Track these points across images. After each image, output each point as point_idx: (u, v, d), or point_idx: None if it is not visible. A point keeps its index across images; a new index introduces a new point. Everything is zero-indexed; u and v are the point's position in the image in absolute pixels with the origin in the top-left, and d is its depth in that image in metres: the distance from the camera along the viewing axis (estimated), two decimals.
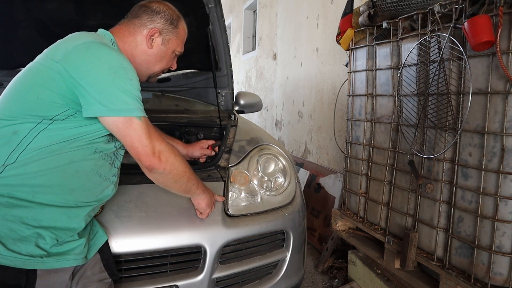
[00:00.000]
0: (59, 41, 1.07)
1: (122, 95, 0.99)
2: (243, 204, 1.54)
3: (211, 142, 1.70)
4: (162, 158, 1.06)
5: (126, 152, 1.13)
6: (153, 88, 2.29)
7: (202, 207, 1.34)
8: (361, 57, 2.10)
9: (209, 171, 1.60)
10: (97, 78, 0.98)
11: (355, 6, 2.13)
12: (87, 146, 1.05)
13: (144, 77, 1.25)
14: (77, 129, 1.02)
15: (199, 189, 1.28)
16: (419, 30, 1.68)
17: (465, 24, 1.33)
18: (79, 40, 1.04)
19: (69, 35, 1.08)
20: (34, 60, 1.07)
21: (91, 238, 1.16)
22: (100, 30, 1.17)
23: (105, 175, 1.12)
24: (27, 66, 1.07)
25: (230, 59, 2.22)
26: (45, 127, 0.99)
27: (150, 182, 1.15)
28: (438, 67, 1.54)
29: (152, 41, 1.18)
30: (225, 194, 1.51)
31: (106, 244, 1.21)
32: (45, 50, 1.07)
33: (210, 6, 2.06)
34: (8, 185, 0.97)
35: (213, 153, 1.67)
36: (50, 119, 0.99)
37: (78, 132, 1.03)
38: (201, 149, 1.67)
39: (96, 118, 1.03)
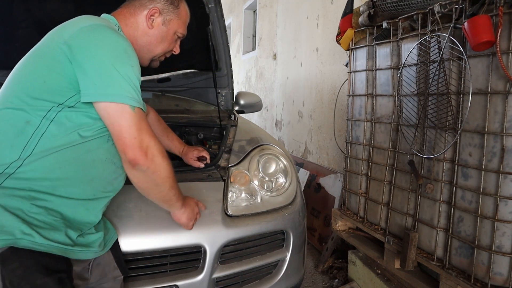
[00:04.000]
0: (64, 23, 1.05)
1: (120, 80, 0.96)
2: (243, 204, 1.53)
3: (202, 154, 1.66)
4: (149, 155, 0.99)
5: None
6: (153, 88, 2.29)
7: (183, 222, 1.26)
8: (361, 57, 2.10)
9: (209, 171, 1.60)
10: (98, 61, 0.96)
11: (355, 6, 2.13)
12: (100, 135, 1.03)
13: (146, 60, 1.22)
14: (86, 117, 1.00)
15: (179, 202, 1.19)
16: (419, 30, 1.68)
17: (465, 24, 1.33)
18: (86, 23, 1.02)
19: (75, 18, 1.06)
20: (38, 44, 1.04)
21: (105, 234, 1.16)
22: (104, 15, 1.15)
23: (119, 163, 1.10)
24: (30, 51, 1.04)
25: (230, 59, 2.22)
26: (55, 115, 0.97)
27: None
28: (438, 67, 1.54)
29: (152, 21, 1.16)
30: (225, 194, 1.51)
31: (117, 242, 1.22)
32: (49, 33, 1.05)
33: (210, 6, 2.06)
34: (28, 179, 0.96)
35: (202, 166, 1.63)
36: (59, 105, 0.97)
37: (88, 121, 1.00)
38: (190, 159, 1.63)
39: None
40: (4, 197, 0.93)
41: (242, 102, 2.45)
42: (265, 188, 1.62)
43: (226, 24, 5.82)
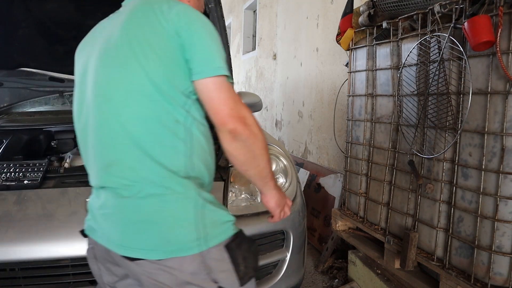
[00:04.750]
0: (140, 5, 1.02)
1: (219, 55, 0.99)
2: (243, 204, 1.54)
3: None
4: (247, 124, 0.98)
5: None
6: None
7: (271, 206, 1.17)
8: (361, 57, 2.10)
9: None
10: (202, 39, 0.98)
11: (355, 6, 2.13)
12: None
13: None
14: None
15: (272, 181, 1.12)
16: (419, 30, 1.68)
17: (465, 24, 1.33)
18: (171, 2, 1.01)
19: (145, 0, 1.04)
20: (120, 37, 0.99)
21: None
22: None
23: None
24: (122, 50, 0.98)
25: (230, 59, 2.21)
26: (189, 107, 0.99)
27: None
28: (438, 67, 1.55)
29: None
30: (225, 194, 1.51)
31: None
32: (127, 25, 1.00)
33: (210, 6, 2.06)
34: (196, 178, 1.01)
35: None
36: (188, 93, 0.99)
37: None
38: None
39: None
40: (206, 194, 1.01)
41: None
42: None
43: (226, 24, 5.82)
